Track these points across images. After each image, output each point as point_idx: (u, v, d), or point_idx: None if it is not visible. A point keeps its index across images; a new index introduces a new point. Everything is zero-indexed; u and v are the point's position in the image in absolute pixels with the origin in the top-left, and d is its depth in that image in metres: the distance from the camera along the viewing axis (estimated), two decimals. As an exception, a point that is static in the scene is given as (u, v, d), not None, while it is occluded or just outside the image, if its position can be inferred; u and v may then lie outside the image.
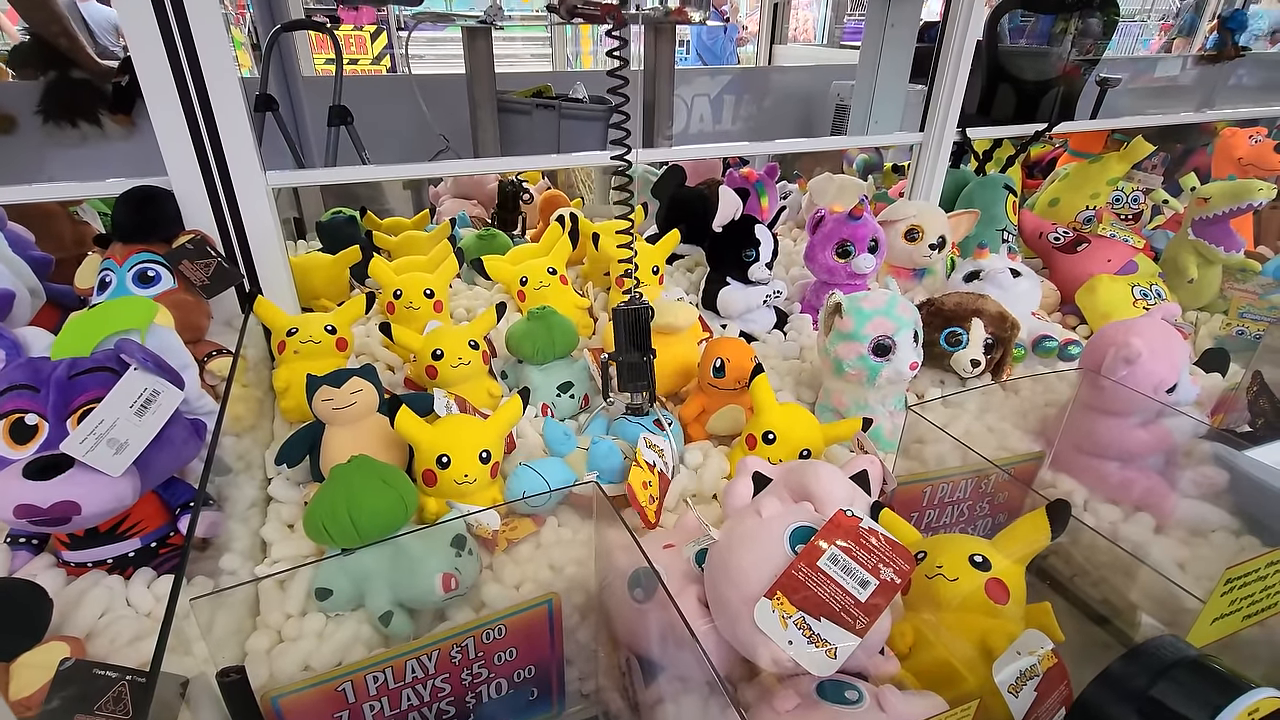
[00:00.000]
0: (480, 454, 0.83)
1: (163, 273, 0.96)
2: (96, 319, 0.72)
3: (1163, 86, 3.92)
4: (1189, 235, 1.39)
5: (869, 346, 0.99)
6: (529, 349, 1.06)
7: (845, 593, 0.55)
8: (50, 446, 0.66)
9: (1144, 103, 3.81)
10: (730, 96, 3.42)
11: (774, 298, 1.29)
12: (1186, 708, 0.43)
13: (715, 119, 3.44)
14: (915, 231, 1.38)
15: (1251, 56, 3.94)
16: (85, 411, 0.67)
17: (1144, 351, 0.89)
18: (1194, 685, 0.44)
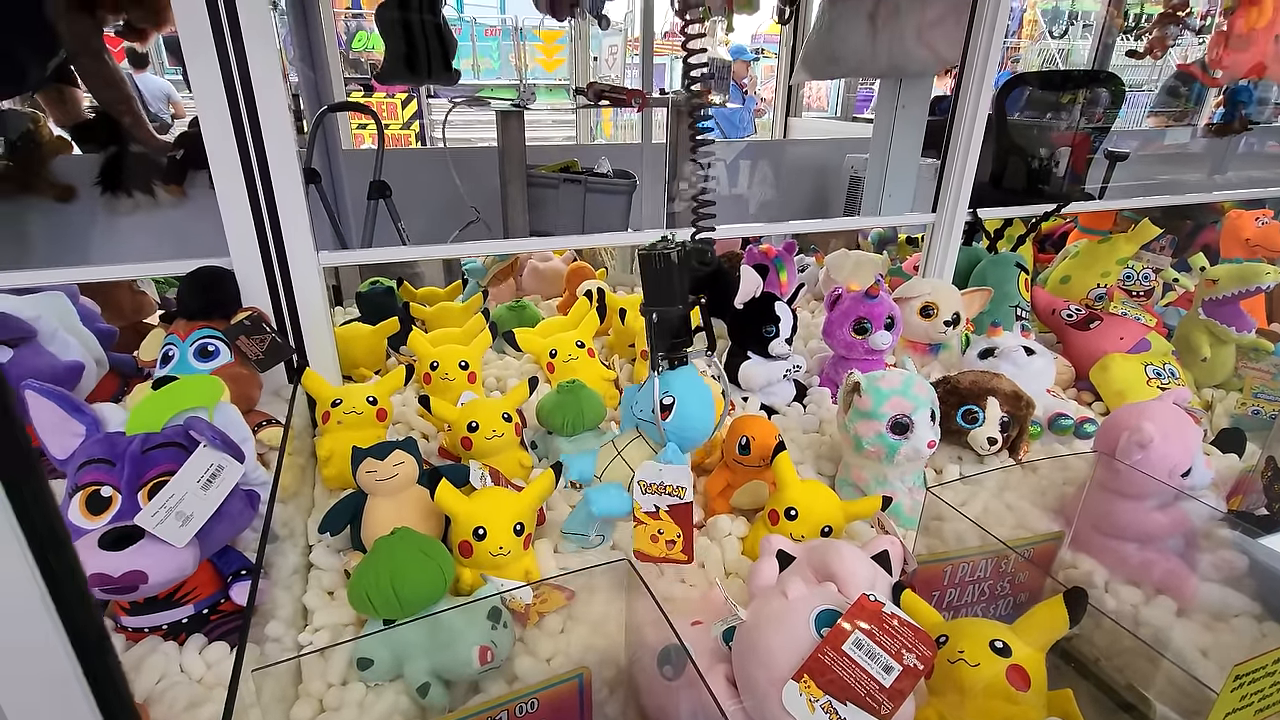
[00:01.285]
0: (514, 526, 0.87)
1: (221, 348, 1.02)
2: (168, 397, 0.78)
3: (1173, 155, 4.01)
4: (1200, 315, 1.43)
5: (887, 425, 1.02)
6: (559, 421, 1.11)
7: (870, 678, 0.57)
8: (122, 518, 0.71)
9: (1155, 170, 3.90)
10: (747, 165, 3.55)
11: (794, 372, 1.34)
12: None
13: (731, 186, 3.56)
14: (930, 308, 1.43)
15: (1260, 129, 4.03)
16: (155, 484, 0.72)
17: (1157, 436, 0.92)
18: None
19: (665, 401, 0.95)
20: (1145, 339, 1.43)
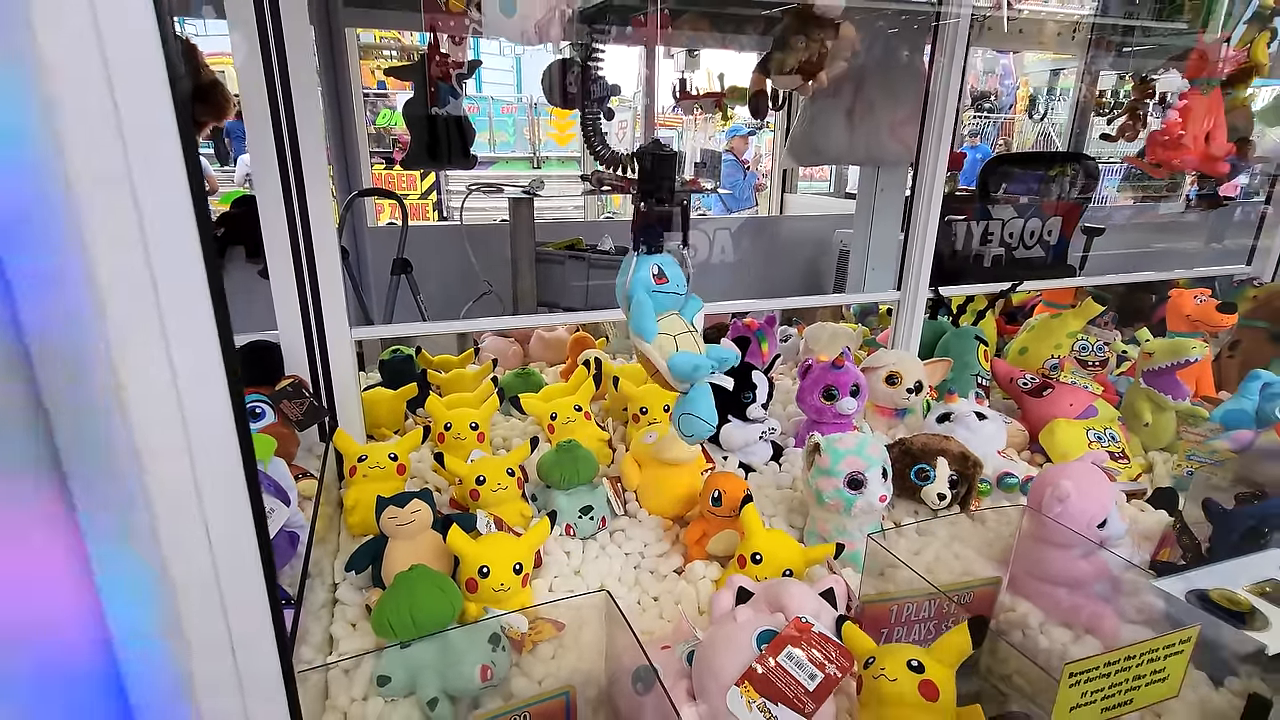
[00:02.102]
0: (514, 566, 1.01)
1: (266, 410, 1.19)
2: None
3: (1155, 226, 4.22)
4: (1140, 384, 1.58)
5: (844, 481, 1.16)
6: (556, 476, 1.26)
7: (797, 683, 0.70)
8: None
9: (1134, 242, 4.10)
10: (746, 240, 3.78)
11: (769, 434, 1.49)
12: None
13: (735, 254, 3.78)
14: (895, 377, 1.58)
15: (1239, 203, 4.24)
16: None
17: (1073, 492, 1.06)
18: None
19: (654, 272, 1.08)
20: (1092, 405, 1.57)
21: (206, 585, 0.48)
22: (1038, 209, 3.44)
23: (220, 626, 0.49)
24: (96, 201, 0.38)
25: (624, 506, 1.31)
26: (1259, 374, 1.51)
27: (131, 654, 0.48)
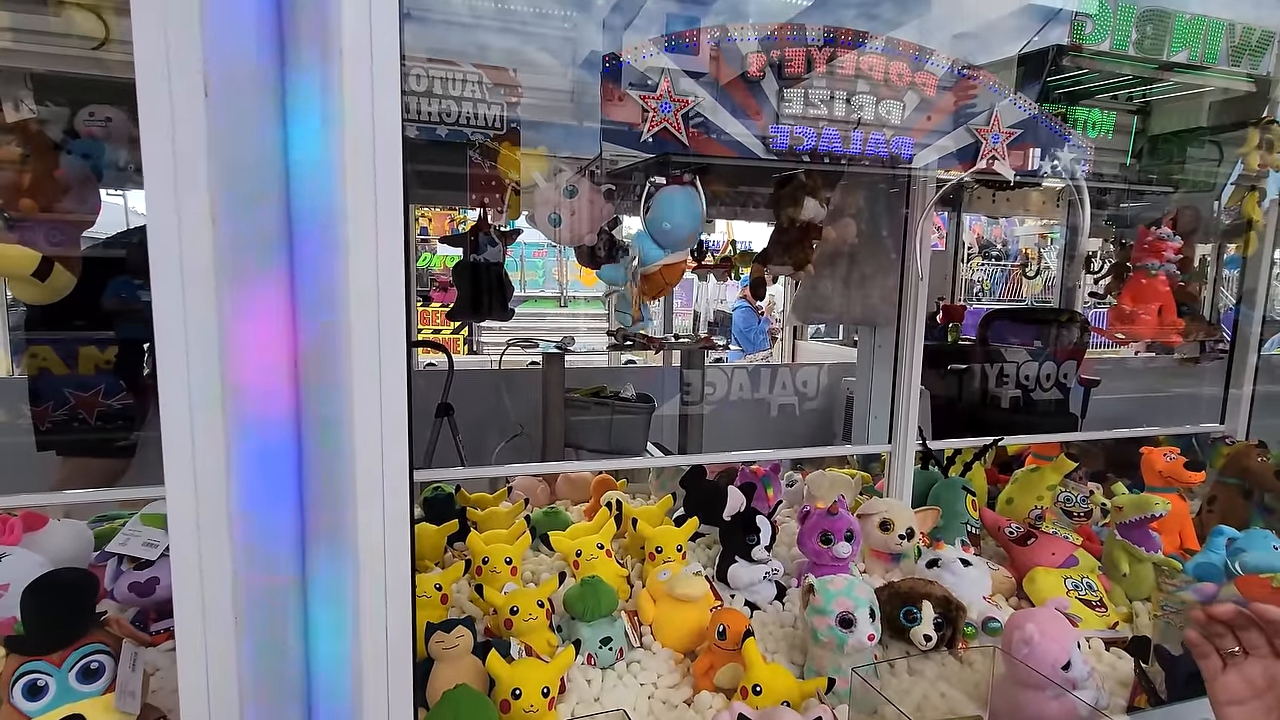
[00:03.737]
0: (542, 690, 1.16)
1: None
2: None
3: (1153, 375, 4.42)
4: (1116, 536, 1.72)
5: (835, 619, 1.31)
6: (580, 608, 1.42)
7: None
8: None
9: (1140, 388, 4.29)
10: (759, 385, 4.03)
11: (773, 574, 1.64)
12: None
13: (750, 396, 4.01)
14: (888, 524, 1.75)
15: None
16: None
17: (1036, 635, 1.20)
18: None
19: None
20: (1073, 555, 1.71)
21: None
22: (1050, 354, 3.73)
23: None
24: (357, 228, 0.62)
25: (640, 639, 1.45)
26: (1222, 529, 1.65)
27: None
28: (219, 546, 0.63)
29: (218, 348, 0.60)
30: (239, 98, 0.58)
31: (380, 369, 0.64)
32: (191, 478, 0.61)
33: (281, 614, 0.67)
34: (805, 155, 1.62)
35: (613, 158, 3.02)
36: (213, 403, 0.61)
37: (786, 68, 1.58)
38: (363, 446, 0.66)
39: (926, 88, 1.66)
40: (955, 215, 5.54)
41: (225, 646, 0.65)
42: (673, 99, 1.53)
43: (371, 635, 0.69)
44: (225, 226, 0.59)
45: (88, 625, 1.02)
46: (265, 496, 0.64)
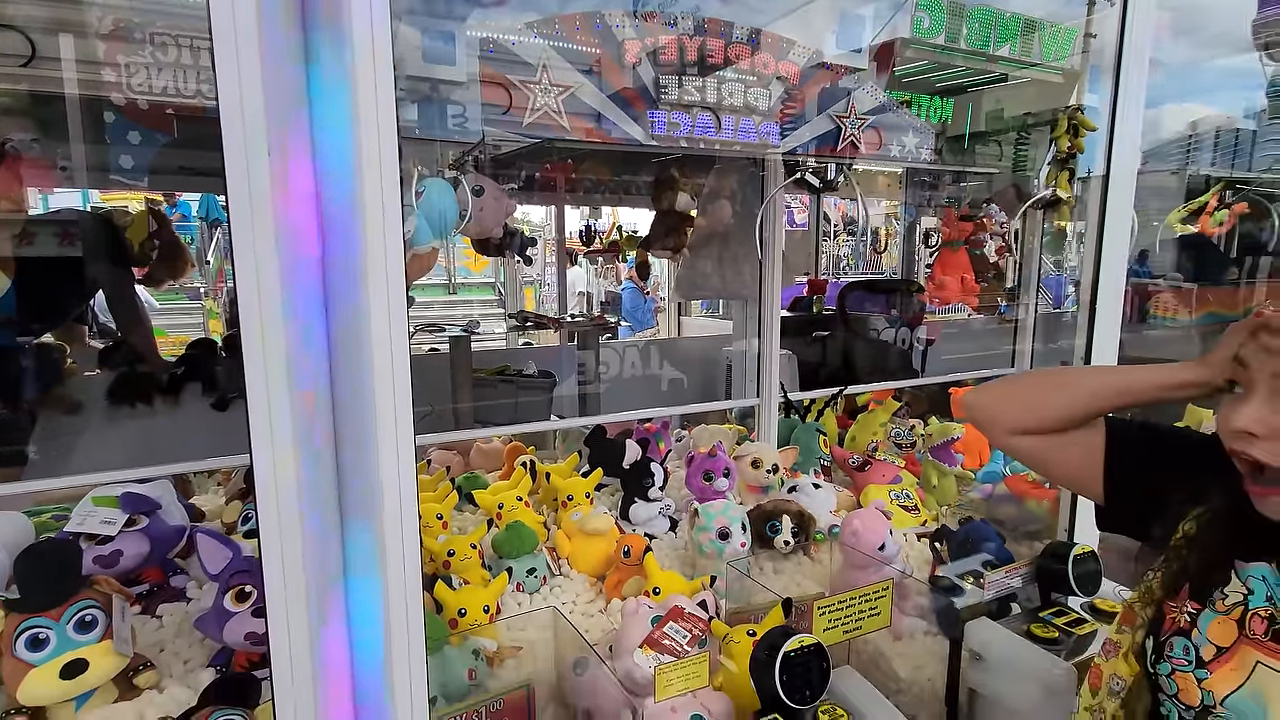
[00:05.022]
0: (484, 607, 1.41)
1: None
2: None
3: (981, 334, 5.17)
4: (928, 457, 2.19)
5: (715, 534, 1.65)
6: (507, 549, 1.67)
7: (677, 642, 1.15)
8: (258, 602, 1.22)
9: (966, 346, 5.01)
10: (649, 358, 4.36)
11: (666, 510, 1.97)
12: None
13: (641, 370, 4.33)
14: (757, 461, 2.12)
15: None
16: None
17: (860, 527, 1.59)
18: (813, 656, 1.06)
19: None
20: (899, 475, 2.16)
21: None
22: (899, 319, 4.33)
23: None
24: (370, 220, 0.80)
25: (559, 569, 1.73)
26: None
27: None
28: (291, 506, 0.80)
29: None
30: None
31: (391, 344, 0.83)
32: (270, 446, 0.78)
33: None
34: (682, 141, 1.65)
35: (495, 143, 3.16)
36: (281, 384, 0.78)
37: (661, 55, 1.62)
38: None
39: (791, 77, 1.76)
40: (816, 197, 6.14)
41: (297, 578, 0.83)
42: (552, 84, 1.54)
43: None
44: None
45: (77, 585, 1.16)
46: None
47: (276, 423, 0.77)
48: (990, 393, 1.07)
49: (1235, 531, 0.87)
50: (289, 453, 0.78)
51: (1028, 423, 1.00)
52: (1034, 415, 1.00)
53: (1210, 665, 0.83)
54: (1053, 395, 1.00)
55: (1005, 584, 1.34)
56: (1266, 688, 0.78)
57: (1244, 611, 0.83)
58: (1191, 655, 0.85)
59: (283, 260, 0.75)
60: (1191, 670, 0.84)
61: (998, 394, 1.07)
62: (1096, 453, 0.99)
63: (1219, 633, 0.83)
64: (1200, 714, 0.82)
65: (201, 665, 1.30)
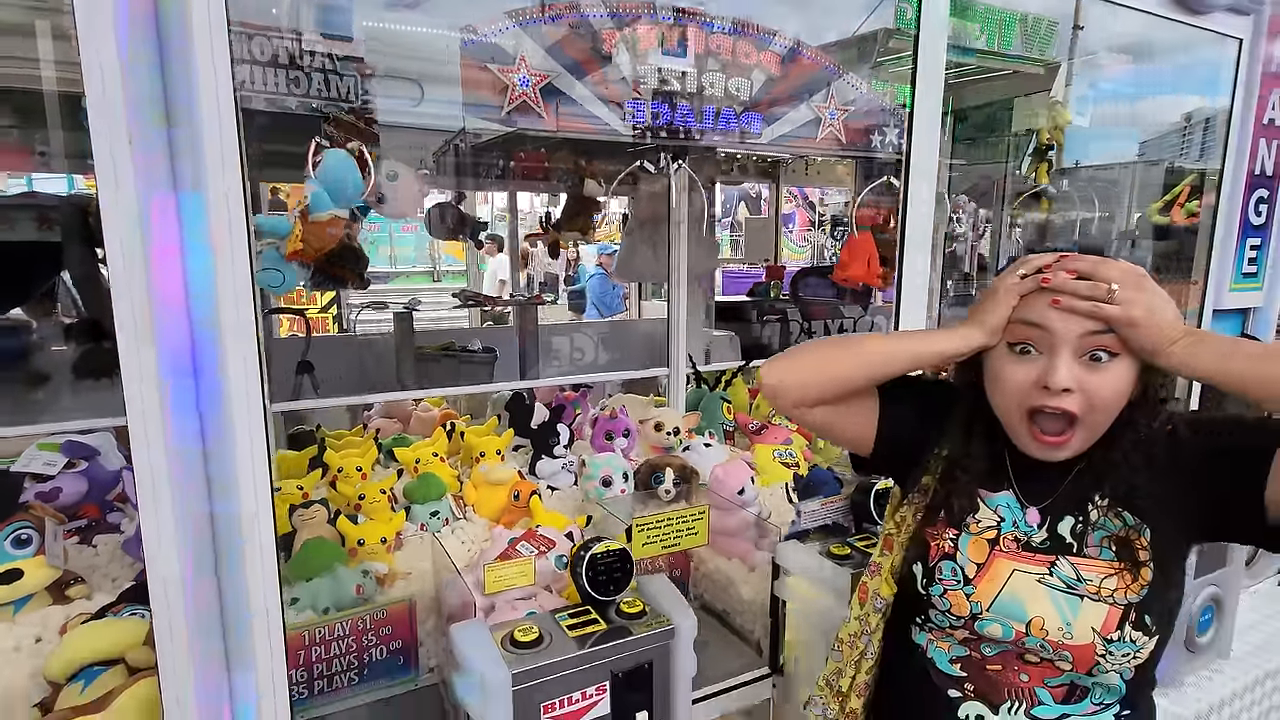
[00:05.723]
0: (380, 538, 1.62)
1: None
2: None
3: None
4: (819, 421, 2.40)
5: (599, 481, 1.87)
6: (417, 495, 1.88)
7: (524, 556, 1.36)
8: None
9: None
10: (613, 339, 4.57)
11: (569, 466, 2.18)
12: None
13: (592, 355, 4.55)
14: (660, 425, 2.33)
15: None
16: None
17: (722, 474, 1.81)
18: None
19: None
20: (790, 438, 2.37)
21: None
22: (846, 301, 4.56)
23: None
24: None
25: (465, 513, 1.94)
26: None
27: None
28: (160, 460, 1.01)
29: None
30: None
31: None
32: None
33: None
34: (662, 131, 1.65)
35: (475, 131, 3.31)
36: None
37: (640, 45, 1.61)
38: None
39: (771, 66, 1.73)
40: (775, 186, 6.34)
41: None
42: (530, 73, 1.53)
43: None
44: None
45: (14, 509, 1.36)
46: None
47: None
48: (782, 366, 1.04)
49: (979, 468, 1.01)
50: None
51: (827, 392, 1.01)
52: (829, 384, 1.01)
53: (974, 580, 0.97)
54: (844, 364, 1.01)
55: (823, 515, 1.55)
56: (1021, 589, 0.94)
57: (997, 534, 0.98)
58: (959, 575, 0.98)
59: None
60: (961, 588, 0.97)
61: (790, 367, 1.03)
62: (873, 414, 1.06)
63: (976, 551, 0.98)
64: (968, 620, 0.96)
65: (128, 583, 1.50)
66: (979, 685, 0.99)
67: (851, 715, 1.07)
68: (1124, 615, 0.90)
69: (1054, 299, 0.89)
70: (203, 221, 0.99)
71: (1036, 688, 0.96)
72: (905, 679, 1.06)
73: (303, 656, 1.35)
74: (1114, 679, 0.93)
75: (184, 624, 1.03)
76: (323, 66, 1.48)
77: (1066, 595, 0.93)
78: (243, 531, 1.05)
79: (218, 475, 1.06)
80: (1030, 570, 0.95)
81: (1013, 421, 0.95)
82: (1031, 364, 0.91)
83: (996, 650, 0.98)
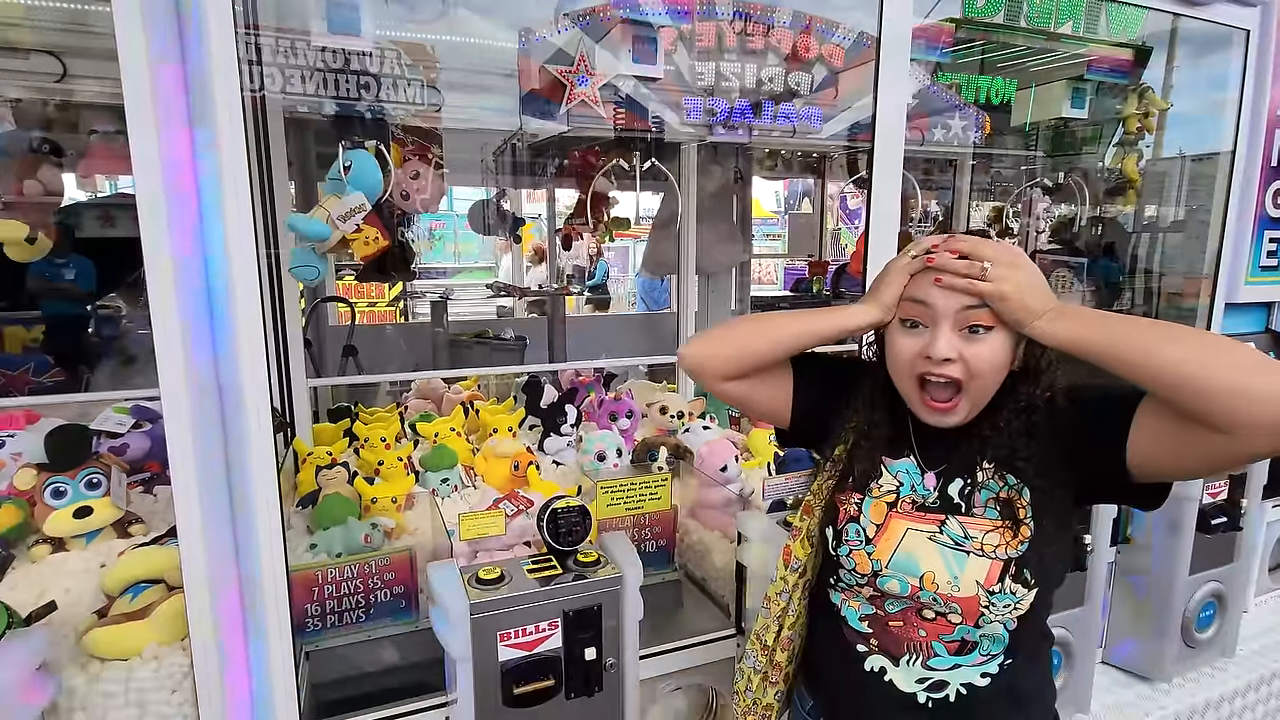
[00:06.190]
0: (391, 498, 1.83)
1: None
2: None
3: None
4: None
5: (594, 455, 2.02)
6: (431, 464, 2.08)
7: (504, 512, 1.53)
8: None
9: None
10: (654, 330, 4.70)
11: (575, 443, 2.34)
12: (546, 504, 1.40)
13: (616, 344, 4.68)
14: (665, 408, 2.47)
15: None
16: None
17: (706, 452, 1.92)
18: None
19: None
20: (791, 423, 2.46)
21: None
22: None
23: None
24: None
25: (474, 482, 2.13)
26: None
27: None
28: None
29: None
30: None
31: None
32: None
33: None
34: (720, 127, 1.67)
35: (534, 132, 3.53)
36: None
37: (698, 42, 1.63)
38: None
39: (834, 59, 1.72)
40: (820, 181, 6.32)
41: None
42: (589, 73, 1.56)
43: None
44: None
45: (85, 456, 1.63)
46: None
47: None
48: (700, 344, 1.13)
49: (882, 436, 1.09)
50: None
51: (742, 367, 1.09)
52: (744, 359, 1.09)
53: (874, 540, 1.05)
54: (756, 340, 1.09)
55: (787, 488, 1.65)
56: (914, 546, 1.03)
57: (896, 497, 1.07)
58: (862, 537, 1.06)
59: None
60: (863, 547, 1.05)
61: (707, 344, 1.13)
62: (788, 387, 1.14)
63: (876, 513, 1.06)
64: (871, 578, 1.05)
65: (179, 526, 1.75)
66: (883, 641, 1.07)
67: (777, 667, 1.18)
68: (1004, 569, 0.98)
69: (936, 277, 0.97)
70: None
71: (933, 641, 1.04)
72: (823, 635, 1.16)
73: (316, 593, 1.56)
74: (998, 629, 1.01)
75: (202, 551, 1.24)
76: (391, 73, 1.55)
77: (954, 551, 1.00)
78: (253, 469, 1.26)
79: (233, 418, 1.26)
80: (921, 529, 1.03)
81: (906, 389, 1.03)
82: (919, 337, 1.00)
83: (898, 608, 1.05)
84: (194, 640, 1.23)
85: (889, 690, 1.06)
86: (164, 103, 1.12)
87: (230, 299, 1.21)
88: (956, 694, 1.04)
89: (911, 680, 1.05)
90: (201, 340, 1.23)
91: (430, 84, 1.62)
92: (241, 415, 1.26)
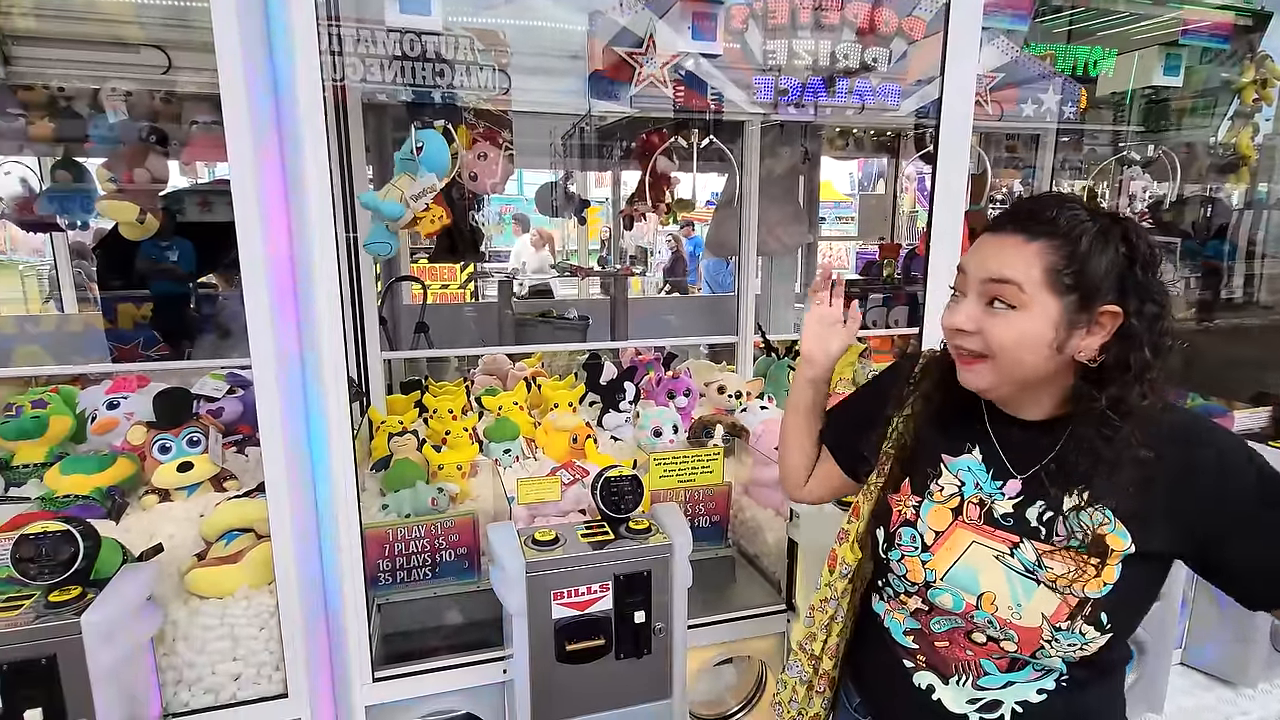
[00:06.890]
0: (457, 465, 1.92)
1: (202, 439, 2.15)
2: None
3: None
4: (881, 391, 2.44)
5: (651, 431, 2.06)
6: (495, 435, 2.17)
7: (564, 484, 1.59)
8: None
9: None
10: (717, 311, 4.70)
11: (632, 419, 2.38)
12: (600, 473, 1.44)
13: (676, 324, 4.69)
14: (723, 387, 2.48)
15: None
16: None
17: (762, 431, 1.93)
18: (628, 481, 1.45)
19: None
20: (851, 406, 2.43)
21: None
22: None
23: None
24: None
25: (535, 455, 2.21)
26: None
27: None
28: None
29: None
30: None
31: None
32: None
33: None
34: (790, 106, 1.63)
35: (601, 114, 3.58)
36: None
37: (770, 19, 1.59)
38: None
39: (914, 32, 1.64)
40: (894, 161, 6.09)
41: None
42: (658, 54, 1.54)
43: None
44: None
45: (187, 417, 1.79)
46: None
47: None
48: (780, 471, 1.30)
49: (939, 433, 1.01)
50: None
51: (795, 469, 1.25)
52: (790, 462, 1.26)
53: (932, 548, 0.96)
54: (781, 447, 1.28)
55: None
56: (977, 560, 0.93)
57: (960, 501, 0.96)
58: (918, 542, 0.97)
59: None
60: (918, 555, 0.97)
61: (779, 467, 1.30)
62: (829, 458, 1.22)
63: (937, 519, 0.97)
64: (922, 588, 0.97)
65: (267, 483, 1.90)
66: (930, 658, 1.00)
67: (825, 676, 1.11)
68: (1077, 608, 0.88)
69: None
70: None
71: (981, 659, 0.96)
72: (870, 645, 1.09)
73: (387, 550, 1.67)
74: (1056, 662, 0.93)
75: (287, 505, 1.36)
76: (465, 59, 1.56)
77: (1023, 578, 0.90)
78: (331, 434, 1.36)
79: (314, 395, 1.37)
80: (990, 545, 0.93)
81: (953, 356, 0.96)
82: (956, 304, 0.94)
83: (945, 627, 0.97)
84: (279, 584, 1.35)
85: (938, 709, 0.98)
86: (255, 95, 1.21)
87: (312, 280, 1.31)
88: (1012, 713, 0.96)
89: (962, 701, 0.97)
90: (287, 316, 1.33)
91: (501, 68, 1.64)
92: (321, 385, 1.36)
